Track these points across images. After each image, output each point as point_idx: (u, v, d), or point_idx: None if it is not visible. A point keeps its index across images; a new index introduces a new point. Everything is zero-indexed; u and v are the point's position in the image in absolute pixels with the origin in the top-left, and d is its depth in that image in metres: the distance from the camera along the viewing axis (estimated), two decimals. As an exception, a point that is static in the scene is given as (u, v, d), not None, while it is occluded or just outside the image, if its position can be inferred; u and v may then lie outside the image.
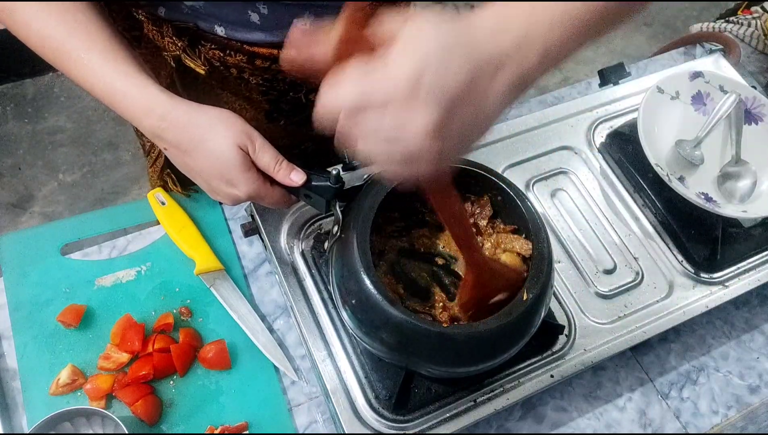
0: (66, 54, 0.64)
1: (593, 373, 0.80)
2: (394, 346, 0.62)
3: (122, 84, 0.63)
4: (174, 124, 0.63)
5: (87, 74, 0.64)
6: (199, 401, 0.72)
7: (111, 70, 0.63)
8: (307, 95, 0.83)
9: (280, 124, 0.88)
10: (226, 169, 0.64)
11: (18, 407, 0.70)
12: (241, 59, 0.76)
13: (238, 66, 0.77)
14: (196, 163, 0.65)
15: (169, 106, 0.63)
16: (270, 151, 0.65)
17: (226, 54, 0.76)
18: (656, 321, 0.78)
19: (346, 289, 0.63)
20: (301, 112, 0.86)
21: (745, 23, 1.18)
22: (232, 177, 0.64)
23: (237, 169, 0.64)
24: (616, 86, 0.99)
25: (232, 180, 0.64)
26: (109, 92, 0.64)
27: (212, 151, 0.63)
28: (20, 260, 0.78)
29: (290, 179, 0.66)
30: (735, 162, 0.90)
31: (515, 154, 0.90)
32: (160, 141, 0.65)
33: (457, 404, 0.70)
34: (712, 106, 0.91)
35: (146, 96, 0.63)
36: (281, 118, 0.87)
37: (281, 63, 0.61)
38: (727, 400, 0.81)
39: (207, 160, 0.64)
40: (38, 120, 2.21)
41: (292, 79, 0.80)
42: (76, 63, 0.63)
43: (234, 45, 0.75)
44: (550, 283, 0.66)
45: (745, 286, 0.82)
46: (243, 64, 0.77)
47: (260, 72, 0.78)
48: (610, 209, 0.88)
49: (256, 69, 0.77)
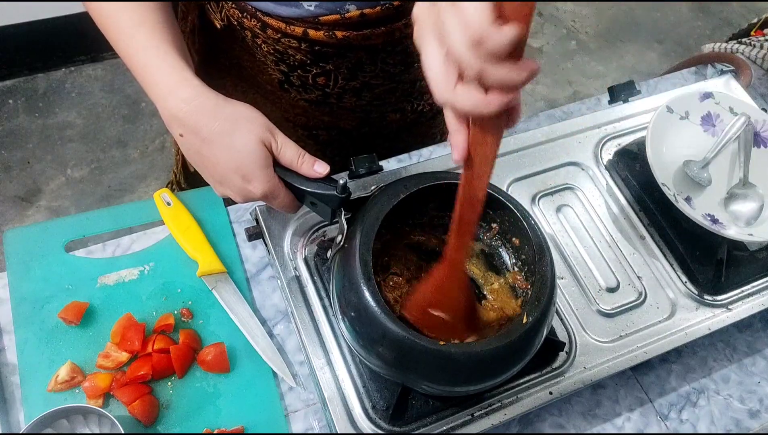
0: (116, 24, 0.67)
1: (592, 391, 0.80)
2: (390, 362, 0.62)
3: (159, 60, 0.65)
4: (198, 110, 0.64)
5: (130, 46, 0.66)
6: (197, 403, 0.72)
7: (153, 46, 0.66)
8: (315, 78, 0.85)
9: (292, 97, 0.89)
10: (246, 163, 0.64)
11: (16, 402, 0.70)
12: (255, 24, 0.79)
13: (252, 30, 0.80)
14: (213, 153, 0.65)
15: (198, 91, 0.65)
16: (292, 146, 0.66)
17: (243, 16, 0.79)
18: (658, 341, 0.78)
19: (346, 300, 0.63)
20: (311, 91, 0.87)
21: (757, 45, 1.18)
22: (249, 172, 0.65)
23: (256, 165, 0.64)
24: (625, 104, 0.98)
25: (249, 175, 0.65)
26: (144, 66, 0.66)
27: (234, 144, 0.64)
28: (24, 255, 0.78)
29: (314, 171, 0.67)
30: (742, 184, 0.90)
31: (522, 168, 0.90)
32: (179, 125, 0.65)
33: (454, 417, 0.69)
34: (721, 128, 0.91)
35: (177, 75, 0.65)
36: (292, 90, 0.88)
37: None
38: (727, 423, 0.80)
39: (227, 152, 0.65)
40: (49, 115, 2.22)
41: (302, 58, 0.82)
42: (124, 34, 0.66)
43: (249, 9, 0.78)
44: (552, 306, 0.66)
45: (748, 310, 0.82)
46: (257, 30, 0.79)
47: (272, 42, 0.80)
48: (615, 227, 0.88)
49: (268, 38, 0.80)
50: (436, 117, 1.05)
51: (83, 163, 2.13)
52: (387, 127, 0.97)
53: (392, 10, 0.78)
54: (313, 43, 0.79)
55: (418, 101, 0.97)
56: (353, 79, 0.86)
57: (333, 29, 0.77)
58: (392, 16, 0.79)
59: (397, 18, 0.79)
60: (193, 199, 0.85)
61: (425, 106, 0.99)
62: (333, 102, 0.89)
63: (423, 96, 0.97)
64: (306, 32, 0.78)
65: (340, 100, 0.89)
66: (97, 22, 0.69)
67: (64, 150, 2.15)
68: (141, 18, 0.66)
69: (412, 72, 0.89)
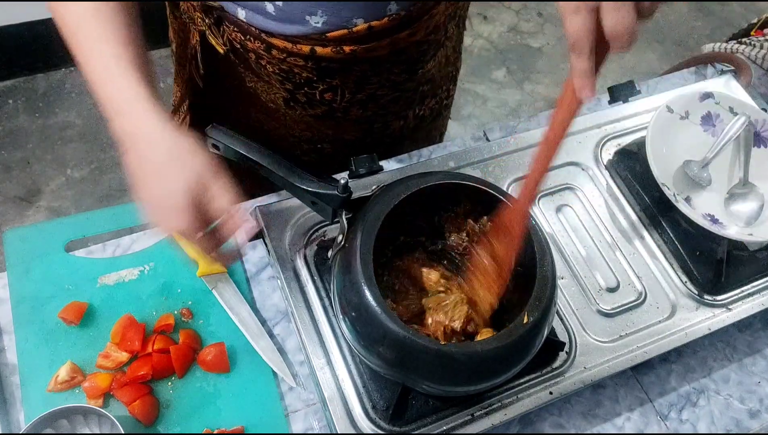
0: (79, 35, 0.65)
1: (592, 390, 0.80)
2: (391, 362, 0.62)
3: (115, 77, 0.63)
4: (140, 136, 0.62)
5: (91, 58, 0.64)
6: (197, 403, 0.72)
7: (113, 63, 0.63)
8: (322, 93, 0.84)
9: (297, 114, 0.89)
10: (167, 202, 0.62)
11: (16, 402, 0.70)
12: (259, 46, 0.78)
13: (256, 52, 0.79)
14: (143, 180, 0.63)
15: (145, 117, 0.62)
16: (227, 199, 0.62)
17: (246, 38, 0.78)
18: (658, 341, 0.78)
19: (347, 300, 0.63)
20: (317, 107, 0.87)
21: (757, 45, 1.18)
22: (167, 210, 0.62)
23: (175, 208, 0.61)
24: (625, 104, 0.98)
25: (166, 213, 0.62)
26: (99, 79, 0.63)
27: (162, 179, 0.62)
28: (25, 255, 0.78)
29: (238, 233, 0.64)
30: (742, 184, 0.90)
31: (522, 168, 0.90)
32: (122, 144, 0.63)
33: (454, 417, 0.69)
34: (721, 128, 0.91)
35: (129, 95, 0.62)
36: (298, 108, 0.88)
37: None
38: (727, 423, 0.80)
39: (155, 184, 0.62)
40: (49, 115, 2.22)
41: (308, 75, 0.81)
42: (86, 46, 0.64)
43: (253, 31, 0.77)
44: (553, 306, 0.66)
45: (748, 310, 0.82)
46: (261, 51, 0.79)
47: (277, 62, 0.80)
48: (615, 227, 0.88)
49: (273, 58, 0.79)
50: (436, 120, 1.05)
51: (83, 163, 2.13)
52: (390, 135, 0.97)
53: (398, 21, 0.77)
54: (319, 60, 0.79)
55: (419, 106, 0.97)
56: (359, 92, 0.85)
57: (341, 44, 0.77)
58: (398, 26, 0.78)
59: (403, 28, 0.78)
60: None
61: (426, 111, 0.99)
62: (339, 115, 0.89)
63: (424, 100, 0.97)
64: (313, 50, 0.77)
65: (346, 113, 0.89)
66: (61, 29, 0.66)
67: (64, 150, 2.15)
68: (104, 33, 0.64)
69: (416, 79, 0.89)
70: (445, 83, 1.00)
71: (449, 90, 1.04)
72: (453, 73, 1.02)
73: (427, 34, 0.82)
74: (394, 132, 0.97)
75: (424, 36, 0.81)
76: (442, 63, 0.92)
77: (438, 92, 0.99)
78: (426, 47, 0.84)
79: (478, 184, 0.70)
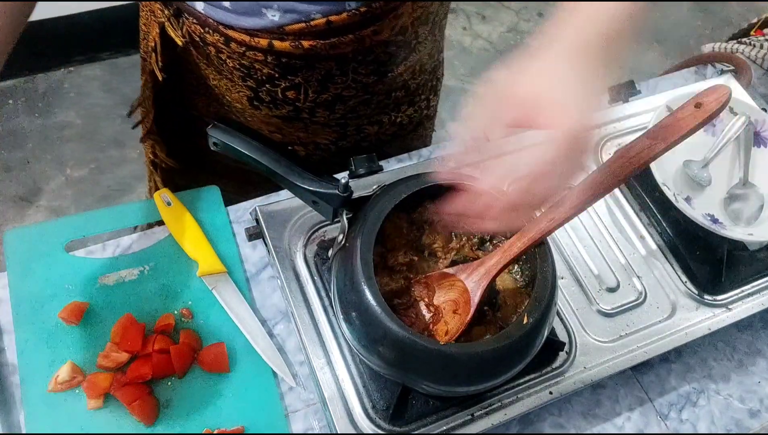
0: None
1: (592, 390, 0.80)
2: (391, 361, 0.62)
3: None
4: None
5: None
6: (197, 403, 0.72)
7: None
8: (284, 92, 0.83)
9: (263, 114, 0.87)
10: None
11: (16, 403, 0.70)
12: (218, 39, 0.77)
13: (215, 45, 0.78)
14: None
15: None
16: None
17: (205, 31, 0.77)
18: (658, 341, 0.78)
19: (347, 300, 0.63)
20: (281, 106, 0.85)
21: (757, 45, 1.18)
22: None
23: None
24: (625, 104, 0.98)
25: None
26: None
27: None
28: (24, 255, 0.78)
29: None
30: (742, 184, 0.90)
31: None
32: None
33: (454, 417, 0.69)
34: (721, 128, 0.91)
35: None
36: (263, 108, 0.86)
37: None
38: (727, 423, 0.80)
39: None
40: (48, 115, 2.22)
41: (269, 72, 0.80)
42: None
43: (211, 24, 0.76)
44: (553, 306, 0.66)
45: (748, 310, 0.82)
46: (220, 44, 0.78)
47: (237, 57, 0.78)
48: (615, 227, 0.88)
49: (233, 53, 0.78)
50: (417, 129, 1.03)
51: (82, 163, 2.13)
52: (365, 139, 0.95)
53: (359, 17, 0.74)
54: (279, 55, 0.77)
55: (395, 113, 0.94)
56: (324, 92, 0.83)
57: (299, 39, 0.75)
58: (360, 22, 0.75)
59: (365, 25, 0.76)
60: (193, 199, 0.85)
61: (404, 118, 0.97)
62: (306, 117, 0.87)
63: (400, 107, 0.94)
64: (271, 43, 0.75)
65: (312, 114, 0.86)
66: None
67: (64, 150, 2.15)
68: None
69: (386, 82, 0.86)
70: (424, 92, 0.97)
71: (429, 100, 1.01)
72: (433, 83, 0.99)
73: (393, 35, 0.79)
74: (369, 137, 0.95)
75: (389, 36, 0.79)
76: (416, 70, 0.90)
77: (416, 100, 0.96)
78: (394, 49, 0.82)
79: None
